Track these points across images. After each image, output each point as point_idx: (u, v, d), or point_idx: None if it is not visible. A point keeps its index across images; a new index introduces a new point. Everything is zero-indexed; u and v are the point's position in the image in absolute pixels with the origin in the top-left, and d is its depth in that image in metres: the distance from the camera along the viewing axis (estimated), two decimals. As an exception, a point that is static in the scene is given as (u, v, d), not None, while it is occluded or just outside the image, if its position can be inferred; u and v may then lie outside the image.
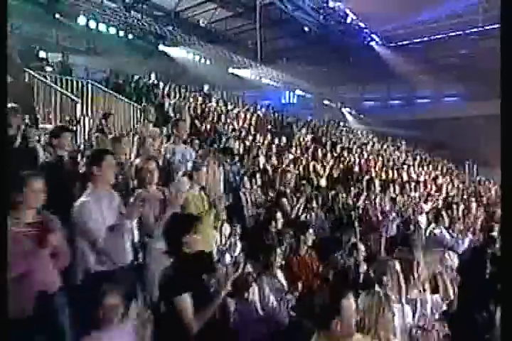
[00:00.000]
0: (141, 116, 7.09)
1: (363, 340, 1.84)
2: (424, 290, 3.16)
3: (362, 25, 18.03)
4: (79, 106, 6.34)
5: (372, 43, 19.26)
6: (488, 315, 3.51)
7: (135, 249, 2.71)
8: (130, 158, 3.59)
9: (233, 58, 13.18)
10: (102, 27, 9.49)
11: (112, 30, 9.70)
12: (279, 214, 3.97)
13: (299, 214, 4.54)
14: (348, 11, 16.76)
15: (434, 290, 3.39)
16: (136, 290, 2.47)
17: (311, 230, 3.79)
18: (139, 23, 10.64)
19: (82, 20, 9.15)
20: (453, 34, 18.74)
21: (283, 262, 3.44)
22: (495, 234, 6.60)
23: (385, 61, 19.79)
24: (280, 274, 3.39)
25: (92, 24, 9.31)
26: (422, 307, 2.90)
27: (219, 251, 3.56)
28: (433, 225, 5.00)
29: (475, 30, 18.13)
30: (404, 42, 19.64)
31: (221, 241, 3.74)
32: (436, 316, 3.02)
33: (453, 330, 3.10)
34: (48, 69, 7.40)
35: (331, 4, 15.89)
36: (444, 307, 3.26)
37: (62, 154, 3.07)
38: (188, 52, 11.49)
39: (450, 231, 5.15)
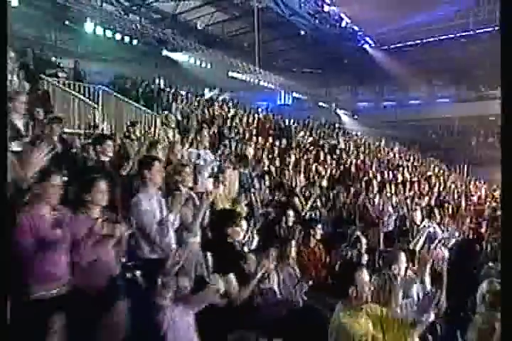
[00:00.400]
0: (151, 120, 7.55)
1: (375, 307, 2.35)
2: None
3: (356, 28, 18.65)
4: (97, 111, 6.82)
5: (366, 46, 19.91)
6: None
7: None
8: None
9: (232, 62, 13.65)
10: (108, 33, 9.92)
11: (118, 36, 10.13)
12: (291, 212, 4.49)
13: (308, 211, 5.08)
14: (342, 15, 17.36)
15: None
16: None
17: (319, 225, 4.32)
18: (144, 29, 11.06)
19: (89, 26, 9.57)
20: (444, 37, 19.48)
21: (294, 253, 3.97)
22: (482, 230, 7.24)
23: (378, 63, 20.46)
24: (294, 264, 3.93)
25: (99, 30, 9.73)
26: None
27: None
28: (426, 221, 5.56)
29: (465, 33, 18.89)
30: (397, 45, 20.34)
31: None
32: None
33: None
34: (61, 75, 7.79)
35: (326, 8, 16.47)
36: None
37: (105, 159, 3.55)
38: (189, 57, 11.96)
39: (441, 226, 5.75)
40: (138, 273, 2.63)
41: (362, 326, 2.20)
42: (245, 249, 4.23)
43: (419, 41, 19.79)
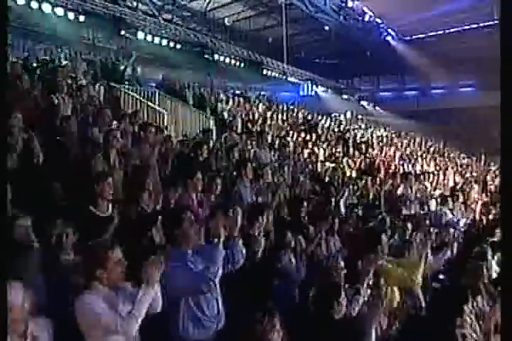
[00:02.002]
0: (204, 121, 9.10)
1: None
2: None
3: (379, 21, 19.75)
4: (166, 116, 8.39)
5: (389, 38, 20.99)
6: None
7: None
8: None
9: (263, 60, 15.11)
10: (157, 39, 11.48)
11: (164, 42, 11.68)
12: (333, 199, 6.05)
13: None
14: (365, 9, 18.50)
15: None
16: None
17: (356, 209, 5.90)
18: (186, 33, 12.59)
19: (140, 35, 11.16)
20: (467, 27, 20.37)
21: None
22: (491, 216, 8.63)
23: (400, 54, 21.53)
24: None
25: (149, 37, 11.31)
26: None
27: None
28: (440, 207, 7.07)
29: (489, 23, 19.70)
30: (419, 36, 21.34)
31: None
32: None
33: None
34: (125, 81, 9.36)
35: (349, 4, 17.65)
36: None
37: (201, 159, 5.16)
38: (225, 57, 13.46)
39: (453, 212, 7.22)
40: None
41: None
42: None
43: (441, 32, 20.74)
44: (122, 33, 10.81)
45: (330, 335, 2.57)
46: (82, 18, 10.12)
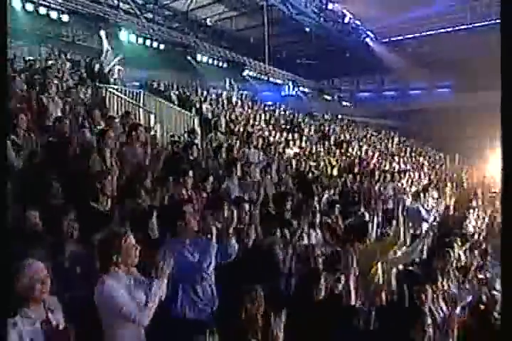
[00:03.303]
0: (189, 121, 9.36)
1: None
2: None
3: (358, 23, 20.38)
4: (152, 116, 8.62)
5: (368, 40, 21.66)
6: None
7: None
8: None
9: (245, 60, 15.44)
10: (140, 40, 11.66)
11: (147, 42, 11.87)
12: (315, 196, 6.44)
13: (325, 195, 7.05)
14: (345, 12, 19.09)
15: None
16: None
17: (337, 205, 6.31)
18: (169, 33, 12.79)
19: (123, 35, 11.32)
20: (443, 30, 21.22)
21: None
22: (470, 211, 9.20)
23: (379, 56, 22.23)
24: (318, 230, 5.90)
25: (132, 38, 11.48)
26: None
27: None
28: (413, 202, 7.57)
29: (463, 27, 20.61)
30: (397, 38, 22.10)
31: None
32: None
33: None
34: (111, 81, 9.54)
35: (330, 6, 18.19)
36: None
37: (191, 158, 5.46)
38: (207, 58, 13.72)
39: (425, 206, 7.73)
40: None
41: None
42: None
43: (418, 34, 21.53)
44: (103, 32, 10.94)
45: (315, 314, 2.93)
46: (65, 17, 10.21)
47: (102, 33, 11.14)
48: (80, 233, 3.21)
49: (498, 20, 19.73)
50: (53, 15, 10.30)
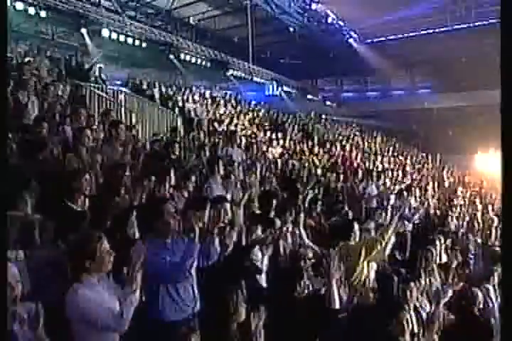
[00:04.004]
0: (172, 120, 9.26)
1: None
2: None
3: (341, 24, 20.54)
4: (133, 115, 8.47)
5: (351, 40, 21.85)
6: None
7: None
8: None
9: (228, 60, 15.37)
10: (122, 37, 11.46)
11: (129, 40, 11.68)
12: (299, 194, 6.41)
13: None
14: (328, 12, 19.20)
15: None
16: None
17: (319, 203, 6.29)
18: (151, 31, 12.62)
19: (105, 32, 11.11)
20: (424, 32, 21.58)
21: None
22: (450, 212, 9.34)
23: (362, 56, 22.45)
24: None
25: (114, 35, 11.28)
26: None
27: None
28: (397, 201, 7.61)
29: (443, 29, 21.00)
30: (380, 39, 22.35)
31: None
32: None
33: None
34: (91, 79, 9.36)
35: (313, 6, 18.28)
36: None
37: (173, 157, 5.37)
38: (191, 57, 13.59)
39: (409, 206, 7.79)
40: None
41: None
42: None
43: (400, 35, 21.83)
44: (84, 30, 10.72)
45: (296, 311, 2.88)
46: (43, 13, 9.95)
47: (84, 30, 10.91)
48: (55, 234, 3.09)
49: (476, 23, 20.38)
50: (31, 10, 10.04)
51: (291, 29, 18.95)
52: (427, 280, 3.89)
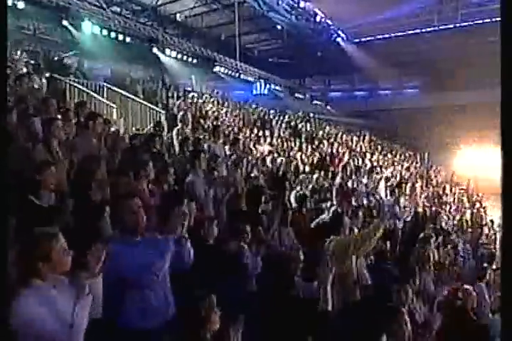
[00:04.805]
0: (155, 115, 8.92)
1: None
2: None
3: (329, 22, 20.36)
4: (114, 110, 8.12)
5: (339, 39, 21.69)
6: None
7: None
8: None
9: (215, 56, 15.05)
10: (104, 32, 11.05)
11: (112, 34, 11.27)
12: (287, 191, 6.15)
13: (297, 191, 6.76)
14: (317, 10, 19.00)
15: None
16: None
17: (308, 200, 6.02)
18: (136, 27, 12.24)
19: (87, 25, 10.69)
20: (411, 32, 21.56)
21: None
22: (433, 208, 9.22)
23: (350, 56, 22.33)
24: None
25: (96, 29, 10.86)
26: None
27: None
28: (388, 197, 7.39)
29: (430, 29, 21.01)
30: (368, 39, 22.26)
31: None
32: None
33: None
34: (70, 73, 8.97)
35: (301, 4, 18.06)
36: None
37: (155, 151, 5.04)
38: (177, 53, 13.24)
39: (399, 203, 7.58)
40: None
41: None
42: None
43: (387, 35, 21.79)
44: (65, 23, 10.29)
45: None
46: (20, 4, 9.48)
47: (65, 22, 10.49)
48: (14, 232, 2.76)
49: (463, 24, 20.44)
50: (8, 2, 9.56)
51: (279, 27, 18.70)
52: (423, 280, 3.64)
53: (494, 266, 5.70)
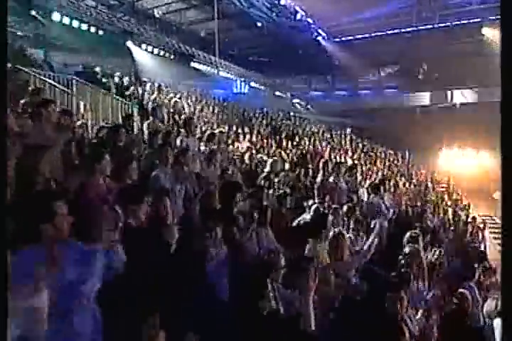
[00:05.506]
0: (128, 110, 8.37)
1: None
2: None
3: (310, 21, 20.05)
4: (82, 102, 7.54)
5: (319, 38, 21.42)
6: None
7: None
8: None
9: (193, 52, 14.50)
10: (75, 23, 10.40)
11: (84, 26, 10.63)
12: (265, 189, 5.70)
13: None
14: (297, 8, 18.66)
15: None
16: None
17: (288, 198, 5.59)
18: (110, 19, 11.61)
19: (56, 16, 10.02)
20: (390, 32, 21.47)
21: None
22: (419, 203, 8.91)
23: (330, 54, 22.11)
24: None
25: (66, 20, 10.20)
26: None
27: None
28: (372, 195, 7.02)
29: (410, 29, 20.97)
30: (348, 38, 22.07)
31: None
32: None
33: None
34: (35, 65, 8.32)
35: (282, 2, 17.67)
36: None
37: (120, 145, 4.51)
38: (153, 48, 12.66)
39: (384, 201, 7.22)
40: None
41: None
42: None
43: (367, 35, 21.62)
44: (33, 13, 9.62)
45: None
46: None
47: (34, 12, 9.81)
48: None
49: (441, 24, 20.46)
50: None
51: (260, 24, 18.28)
52: (417, 285, 3.23)
53: (482, 265, 5.39)
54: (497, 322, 3.86)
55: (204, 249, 2.93)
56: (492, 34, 18.90)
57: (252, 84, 19.41)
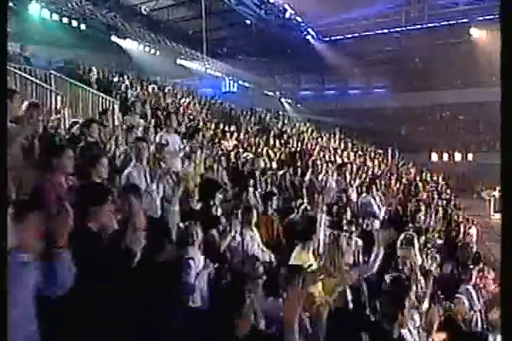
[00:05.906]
0: (108, 105, 7.94)
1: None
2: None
3: (299, 19, 19.72)
4: (59, 97, 7.09)
5: (309, 37, 21.11)
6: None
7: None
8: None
9: (180, 49, 14.07)
10: (55, 16, 9.92)
11: (65, 20, 10.14)
12: (250, 188, 5.34)
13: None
14: (286, 6, 18.30)
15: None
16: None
17: (275, 198, 5.24)
18: (92, 13, 11.13)
19: (34, 8, 9.52)
20: (379, 32, 21.29)
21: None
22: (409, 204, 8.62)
23: (320, 54, 21.82)
24: (255, 229, 4.79)
25: (46, 13, 9.71)
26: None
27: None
28: (364, 195, 6.72)
29: (398, 29, 20.81)
30: (338, 37, 21.83)
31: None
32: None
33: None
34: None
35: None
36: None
37: (92, 140, 4.11)
38: (138, 43, 12.21)
39: (376, 200, 6.91)
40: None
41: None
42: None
43: (357, 34, 21.40)
44: (10, 4, 9.10)
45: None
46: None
47: (11, 4, 9.31)
48: None
49: (429, 24, 20.34)
50: None
51: (248, 22, 17.90)
52: (413, 291, 2.90)
53: (477, 267, 5.11)
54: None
55: (177, 259, 2.54)
56: (480, 34, 18.84)
57: (241, 82, 18.98)
